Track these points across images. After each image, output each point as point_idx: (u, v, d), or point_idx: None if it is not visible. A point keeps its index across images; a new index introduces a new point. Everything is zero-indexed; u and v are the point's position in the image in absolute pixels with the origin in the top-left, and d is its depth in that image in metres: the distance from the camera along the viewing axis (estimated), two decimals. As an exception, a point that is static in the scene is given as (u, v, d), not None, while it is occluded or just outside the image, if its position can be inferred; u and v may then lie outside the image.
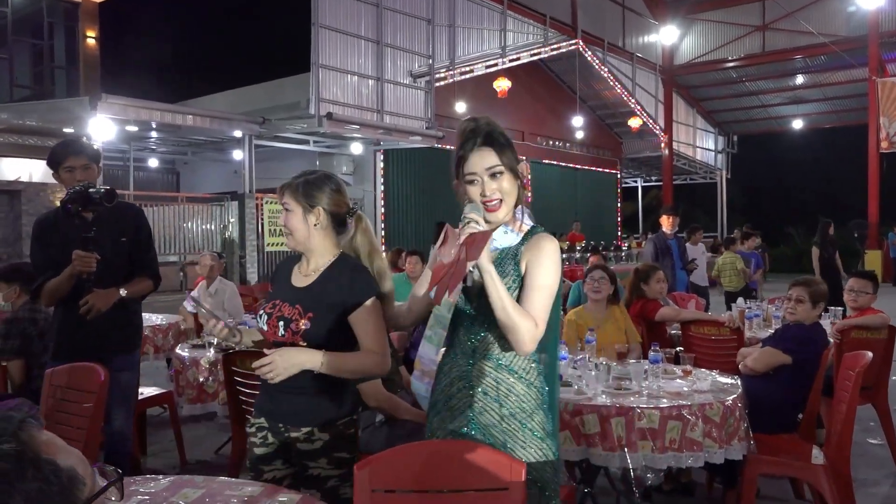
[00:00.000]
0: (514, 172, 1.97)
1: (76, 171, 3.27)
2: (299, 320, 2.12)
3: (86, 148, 3.41)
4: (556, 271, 1.93)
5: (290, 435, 2.16)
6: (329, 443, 2.13)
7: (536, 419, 1.96)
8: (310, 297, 2.16)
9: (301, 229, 2.16)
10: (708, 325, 4.75)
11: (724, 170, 26.68)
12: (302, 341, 2.11)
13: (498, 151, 1.95)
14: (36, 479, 0.77)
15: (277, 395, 2.17)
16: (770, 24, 21.34)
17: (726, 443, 3.00)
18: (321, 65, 12.91)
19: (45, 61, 16.72)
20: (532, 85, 19.22)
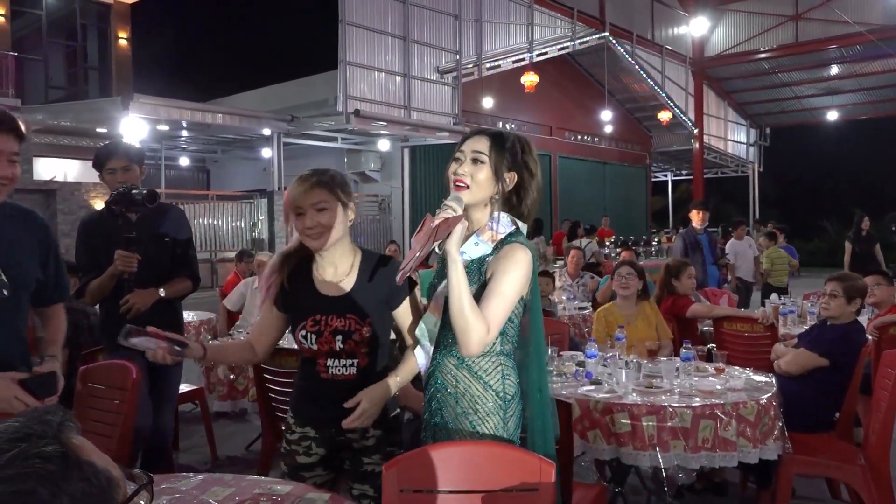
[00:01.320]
0: (497, 172, 1.96)
1: (117, 172, 3.35)
2: (361, 329, 2.08)
3: (127, 150, 3.48)
4: (519, 280, 1.89)
5: (346, 436, 2.14)
6: (381, 438, 2.15)
7: (490, 423, 1.93)
8: (358, 302, 2.10)
9: (339, 228, 2.09)
10: (741, 322, 4.67)
11: (757, 163, 26.25)
12: (364, 348, 2.10)
13: (493, 144, 1.97)
14: (81, 479, 0.78)
15: (328, 405, 2.12)
16: (803, 14, 20.91)
17: (761, 442, 2.95)
18: (349, 62, 12.95)
19: (79, 62, 17.02)
20: (559, 79, 19.08)
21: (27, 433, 0.80)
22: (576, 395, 3.05)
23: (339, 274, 2.14)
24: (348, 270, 2.15)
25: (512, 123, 18.49)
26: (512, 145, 2.00)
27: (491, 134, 2.02)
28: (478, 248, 1.97)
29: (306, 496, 1.86)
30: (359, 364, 2.12)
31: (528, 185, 2.02)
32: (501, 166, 1.96)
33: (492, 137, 2.00)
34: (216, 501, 1.84)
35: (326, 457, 2.19)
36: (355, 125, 12.89)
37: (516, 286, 1.89)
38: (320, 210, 2.04)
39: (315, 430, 2.18)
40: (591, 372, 3.28)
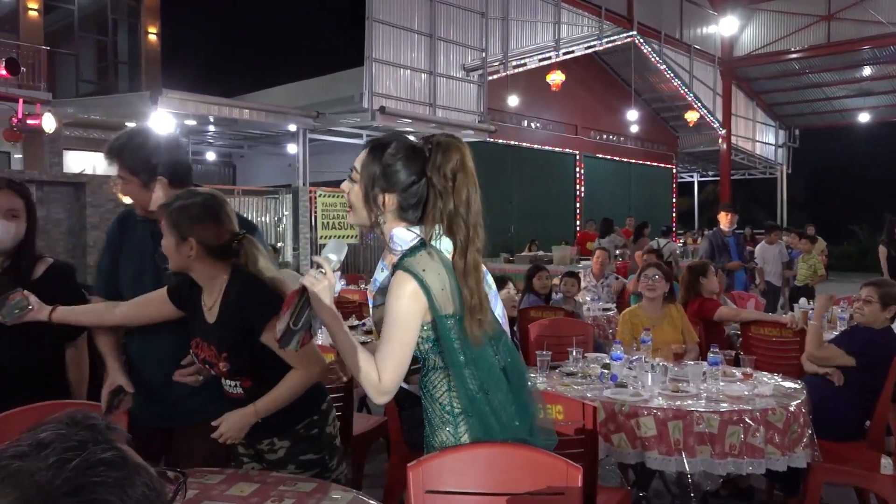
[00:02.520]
0: (366, 195, 1.79)
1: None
2: (218, 363, 2.10)
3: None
4: (402, 315, 1.72)
5: (256, 447, 2.19)
6: (291, 449, 2.15)
7: (440, 436, 1.82)
8: (218, 333, 2.11)
9: (175, 260, 2.15)
10: (769, 326, 4.61)
11: (785, 164, 25.87)
12: (238, 376, 2.12)
13: (365, 161, 1.81)
14: (141, 484, 0.75)
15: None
16: (836, 14, 20.55)
17: (789, 450, 2.90)
18: (375, 59, 12.96)
19: (109, 57, 17.25)
20: (586, 78, 18.94)
21: (80, 440, 0.76)
22: (601, 397, 3.03)
23: (209, 301, 2.16)
24: (215, 300, 2.15)
25: (537, 122, 18.40)
26: (394, 162, 1.78)
27: (371, 146, 1.83)
28: (383, 274, 1.86)
29: (331, 494, 1.86)
30: (242, 385, 2.13)
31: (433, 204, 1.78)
32: (371, 189, 1.78)
33: (369, 150, 1.82)
34: (242, 496, 1.85)
35: (256, 458, 2.24)
36: (380, 122, 12.90)
37: (400, 323, 1.72)
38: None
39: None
40: (616, 375, 3.25)
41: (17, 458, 0.74)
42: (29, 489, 0.71)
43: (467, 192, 1.78)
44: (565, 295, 6.02)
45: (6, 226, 2.46)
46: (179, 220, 2.05)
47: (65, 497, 0.70)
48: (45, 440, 0.76)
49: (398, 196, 1.79)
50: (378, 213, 1.80)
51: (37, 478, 0.71)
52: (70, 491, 0.70)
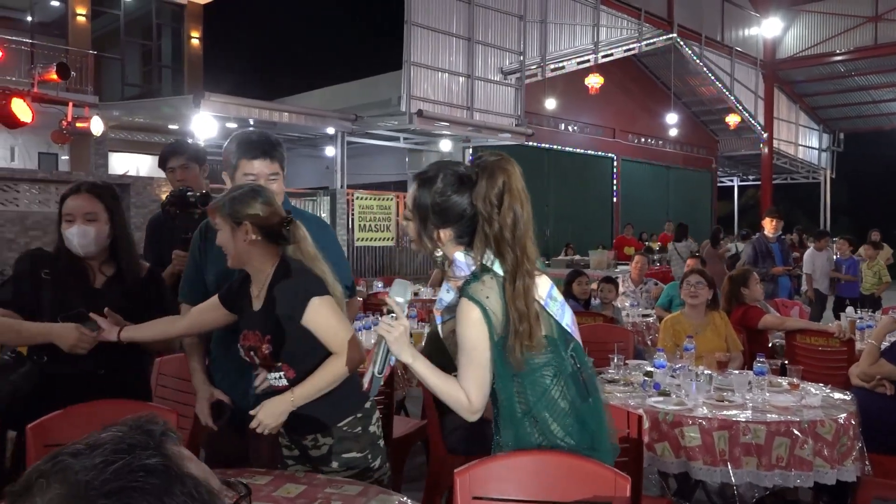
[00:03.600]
0: (419, 227, 1.89)
1: (176, 171, 3.46)
2: (260, 346, 2.12)
3: (186, 148, 3.56)
4: (473, 341, 1.79)
5: (300, 443, 2.21)
6: (335, 446, 2.16)
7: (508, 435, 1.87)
8: (262, 320, 2.15)
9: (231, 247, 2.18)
10: (815, 336, 4.50)
11: (829, 169, 25.33)
12: (279, 362, 2.14)
13: (415, 201, 1.90)
14: (182, 494, 0.75)
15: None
16: (883, 15, 20.06)
17: (838, 463, 2.83)
18: (413, 62, 13.02)
19: (153, 61, 17.62)
20: (624, 81, 18.79)
21: (130, 444, 0.77)
22: (644, 405, 2.99)
23: (256, 290, 2.20)
24: (262, 287, 2.19)
25: (574, 125, 18.30)
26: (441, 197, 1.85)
27: (418, 183, 1.90)
28: (449, 294, 1.92)
29: (377, 497, 1.87)
30: (286, 376, 2.15)
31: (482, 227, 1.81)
32: (425, 227, 1.88)
33: (417, 188, 1.90)
34: (289, 497, 1.87)
35: (301, 457, 2.24)
36: (418, 125, 12.96)
37: (474, 349, 1.80)
38: (219, 231, 2.17)
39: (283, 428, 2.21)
40: (659, 383, 3.21)
41: (71, 456, 0.76)
42: (73, 486, 0.73)
43: (514, 214, 1.79)
44: (603, 301, 5.96)
45: (83, 230, 2.44)
46: (233, 206, 2.11)
47: (101, 498, 0.71)
48: (101, 440, 0.78)
49: (452, 229, 1.86)
50: (435, 247, 1.89)
51: (80, 476, 0.73)
52: (107, 493, 0.72)
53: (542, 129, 16.64)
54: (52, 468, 0.78)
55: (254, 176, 2.32)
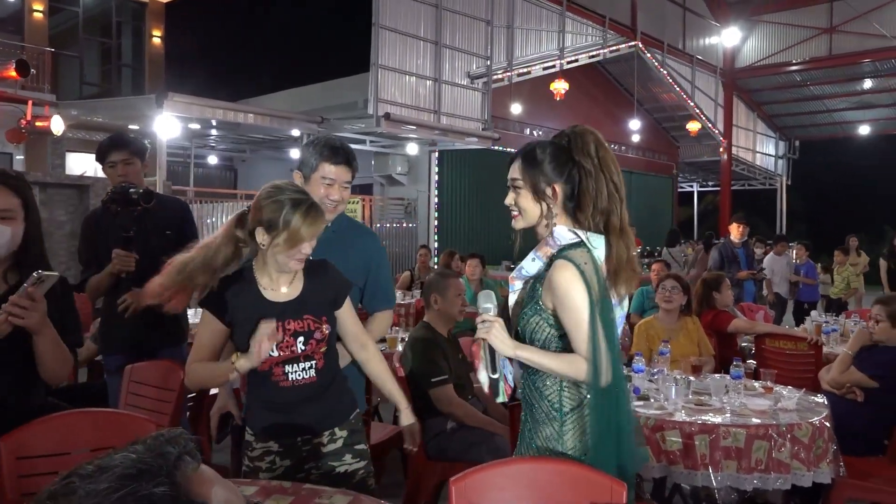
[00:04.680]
0: (536, 191, 1.94)
1: (117, 166, 3.26)
2: (321, 326, 2.13)
3: (129, 142, 3.32)
4: (574, 304, 1.83)
5: (313, 442, 2.16)
6: (348, 438, 2.19)
7: (544, 432, 1.92)
8: (310, 303, 2.15)
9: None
10: (784, 339, 4.59)
11: (785, 176, 25.92)
12: (324, 347, 2.15)
13: (523, 167, 1.97)
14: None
15: (289, 414, 2.14)
16: (838, 27, 20.63)
17: (814, 465, 2.88)
18: (381, 65, 12.96)
19: (113, 60, 17.20)
20: (588, 87, 18.98)
21: (141, 469, 0.76)
22: (624, 410, 3.00)
23: (282, 281, 2.14)
24: (292, 277, 2.16)
25: (540, 130, 18.40)
26: (545, 157, 1.94)
27: (521, 154, 2.00)
28: (534, 264, 1.97)
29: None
30: (316, 366, 2.14)
31: (587, 186, 1.92)
32: (538, 185, 1.94)
33: (522, 158, 1.99)
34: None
35: (291, 469, 2.17)
36: (385, 129, 12.89)
37: (579, 310, 1.83)
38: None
39: (279, 442, 2.16)
40: (638, 387, 3.23)
41: (79, 478, 0.76)
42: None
43: (614, 165, 1.94)
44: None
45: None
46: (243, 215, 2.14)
47: None
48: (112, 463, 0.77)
49: (562, 185, 1.94)
50: (550, 205, 1.94)
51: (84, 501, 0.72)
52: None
53: (508, 133, 16.70)
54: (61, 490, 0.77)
55: (331, 180, 2.38)
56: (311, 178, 2.41)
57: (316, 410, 2.14)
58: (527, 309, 1.95)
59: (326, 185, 2.38)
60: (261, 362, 2.01)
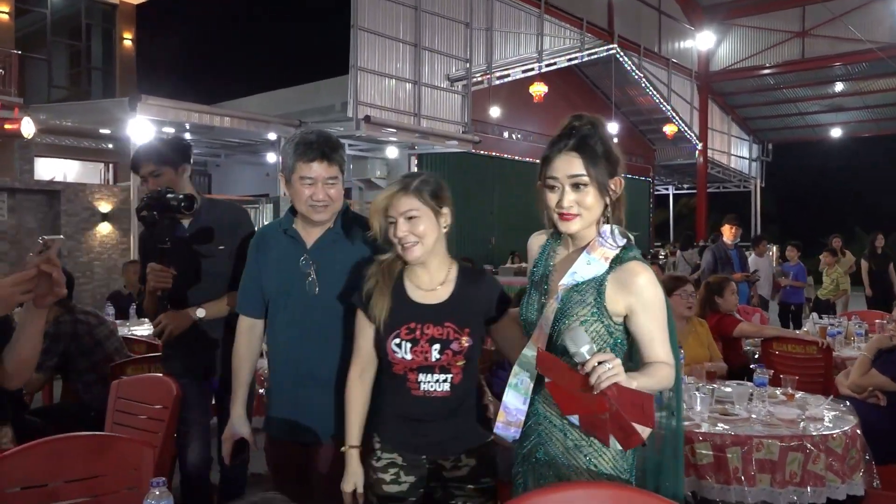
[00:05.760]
0: (601, 188, 1.76)
1: (148, 180, 2.94)
2: (460, 338, 1.94)
3: (153, 151, 2.96)
4: (661, 307, 1.77)
5: (437, 463, 1.99)
6: (475, 468, 2.00)
7: (609, 454, 1.78)
8: (456, 312, 1.96)
9: (432, 237, 1.94)
10: (793, 343, 4.48)
11: (759, 178, 26.20)
12: (461, 360, 1.94)
13: (587, 160, 1.75)
14: None
15: (419, 427, 1.98)
16: (810, 31, 20.89)
17: (848, 477, 2.75)
18: (360, 67, 12.76)
19: (82, 62, 16.75)
20: (566, 90, 18.97)
21: None
22: (648, 421, 2.85)
23: (434, 283, 2.00)
24: (443, 280, 2.01)
25: (518, 133, 18.35)
26: (600, 141, 1.77)
27: (576, 147, 1.77)
28: (590, 267, 1.79)
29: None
30: (453, 381, 1.96)
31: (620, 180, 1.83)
32: (605, 178, 1.77)
33: (580, 152, 1.76)
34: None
35: (416, 485, 2.01)
36: (365, 132, 12.70)
37: (661, 313, 1.77)
38: (410, 219, 1.92)
39: (403, 456, 2.01)
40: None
41: None
42: None
43: None
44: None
45: None
46: (435, 191, 1.96)
47: None
48: None
49: (620, 175, 1.82)
50: (613, 198, 1.80)
51: None
52: None
53: (487, 136, 16.62)
54: None
55: (311, 179, 2.13)
56: (292, 181, 2.18)
57: (445, 429, 1.97)
58: (583, 316, 1.75)
59: (308, 186, 2.14)
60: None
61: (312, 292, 2.19)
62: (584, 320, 1.75)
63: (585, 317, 1.75)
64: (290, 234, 2.26)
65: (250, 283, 2.35)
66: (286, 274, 2.24)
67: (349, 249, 2.22)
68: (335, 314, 2.18)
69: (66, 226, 10.45)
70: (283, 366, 2.27)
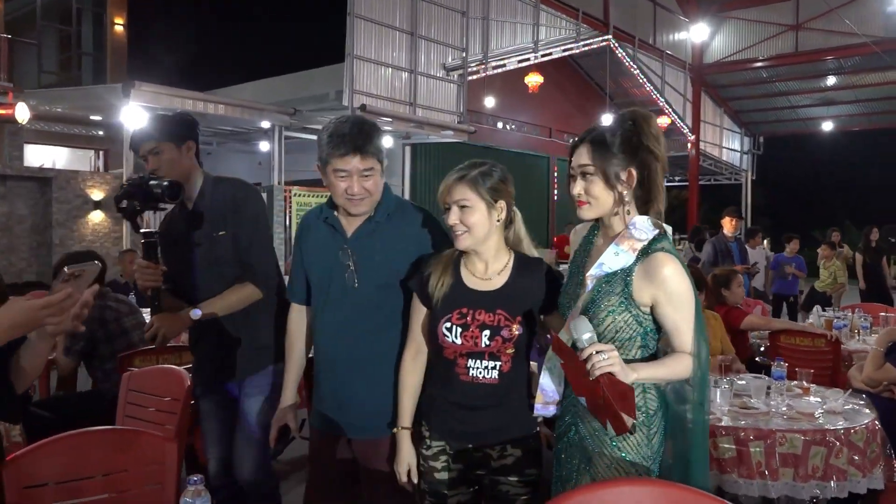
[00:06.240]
0: (607, 178, 1.83)
1: (148, 159, 2.64)
2: (510, 325, 1.94)
3: (154, 127, 2.64)
4: (688, 298, 1.80)
5: (484, 452, 2.00)
6: (520, 459, 2.00)
7: (633, 440, 1.82)
8: (509, 300, 1.97)
9: (482, 227, 1.96)
10: (800, 336, 4.47)
11: (750, 171, 26.25)
12: (511, 349, 1.95)
13: (594, 151, 1.85)
14: None
15: (466, 414, 1.99)
16: (804, 24, 20.89)
17: (869, 470, 2.74)
18: (356, 56, 12.64)
19: (73, 48, 16.52)
20: (561, 81, 18.92)
21: None
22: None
23: (490, 272, 2.02)
24: (500, 269, 2.02)
25: (512, 124, 18.29)
26: (616, 141, 1.84)
27: (590, 139, 1.88)
28: (618, 258, 1.82)
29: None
30: (501, 369, 1.96)
31: (654, 172, 1.85)
32: (611, 171, 1.83)
33: (590, 143, 1.87)
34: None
35: (465, 473, 2.03)
36: (360, 120, 12.58)
37: (689, 304, 1.80)
38: (462, 208, 1.95)
39: (450, 444, 2.03)
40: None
41: None
42: None
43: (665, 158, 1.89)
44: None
45: None
46: (493, 184, 1.98)
47: None
48: None
49: (636, 169, 1.83)
50: (625, 191, 1.83)
51: None
52: None
53: (482, 127, 16.55)
54: None
55: (345, 173, 2.08)
56: (327, 174, 2.12)
57: (493, 417, 1.98)
58: (611, 306, 1.80)
59: (342, 178, 2.09)
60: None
61: (352, 284, 2.14)
62: (611, 309, 1.80)
63: (614, 306, 1.80)
64: (330, 222, 2.22)
65: (297, 269, 2.32)
66: (325, 265, 2.20)
67: (391, 239, 2.17)
68: (374, 306, 2.14)
69: (58, 213, 10.32)
70: (324, 358, 2.24)
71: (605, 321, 1.81)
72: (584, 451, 1.87)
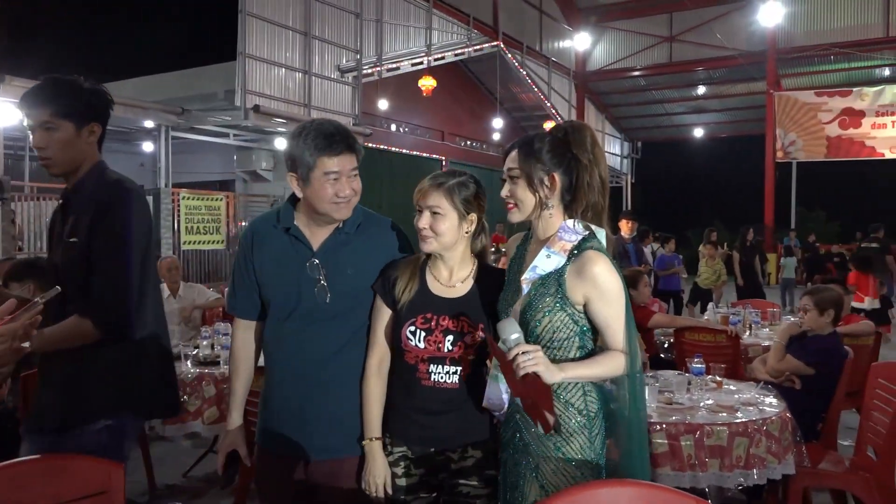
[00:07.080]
0: (530, 181, 1.91)
1: (37, 132, 2.16)
2: (474, 332, 1.98)
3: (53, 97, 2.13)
4: (618, 294, 1.86)
5: (445, 455, 2.01)
6: (480, 460, 2.02)
7: (576, 443, 1.88)
8: (471, 307, 2.01)
9: (449, 236, 1.99)
10: (703, 332, 4.75)
11: (629, 175, 27.61)
12: (472, 355, 1.98)
13: (521, 155, 1.93)
14: None
15: (428, 419, 2.00)
16: (677, 36, 22.20)
17: (783, 457, 2.95)
18: (248, 55, 12.28)
19: (-73, 37, 15.08)
20: (452, 85, 19.14)
21: None
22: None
23: (455, 279, 2.04)
24: (464, 277, 2.05)
25: (405, 127, 18.34)
26: (543, 147, 1.92)
27: (519, 144, 1.97)
28: (550, 260, 1.90)
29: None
30: (461, 373, 1.99)
31: (581, 179, 1.90)
32: (535, 174, 1.91)
33: (519, 148, 1.95)
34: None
35: (426, 477, 2.03)
36: (254, 121, 12.26)
37: (617, 301, 1.86)
38: (434, 214, 1.97)
39: (412, 449, 2.02)
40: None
41: None
42: None
43: (604, 162, 1.95)
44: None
45: None
46: (467, 197, 2.00)
47: None
48: None
49: (561, 175, 1.90)
50: (547, 195, 1.91)
51: None
52: None
53: (376, 129, 16.49)
54: None
55: (335, 173, 1.98)
56: (312, 179, 1.98)
57: (453, 421, 2.00)
58: (547, 307, 1.86)
59: (332, 182, 1.97)
60: None
61: (323, 300, 2.03)
62: (547, 310, 1.86)
63: (549, 307, 1.86)
64: (292, 233, 2.08)
65: (243, 282, 2.16)
66: (289, 279, 2.05)
67: (362, 250, 2.10)
68: (344, 320, 2.06)
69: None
70: (286, 376, 2.09)
71: (542, 322, 1.86)
72: (530, 456, 1.90)
